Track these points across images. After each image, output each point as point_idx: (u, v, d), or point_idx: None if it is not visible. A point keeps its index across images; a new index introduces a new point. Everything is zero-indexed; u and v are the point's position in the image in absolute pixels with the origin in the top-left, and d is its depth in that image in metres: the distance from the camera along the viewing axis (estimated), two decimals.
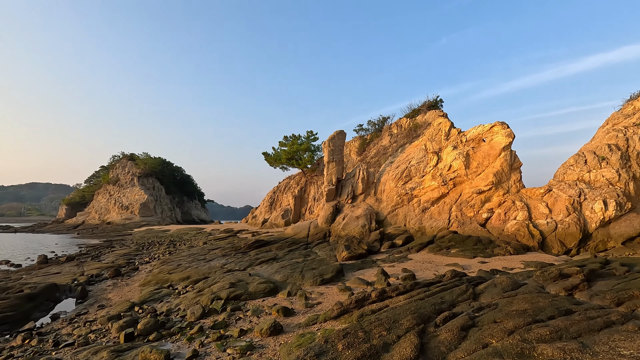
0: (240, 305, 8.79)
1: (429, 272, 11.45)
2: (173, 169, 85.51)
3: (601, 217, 15.42)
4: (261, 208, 45.27)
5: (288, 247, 18.31)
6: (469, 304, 6.80)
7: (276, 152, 41.21)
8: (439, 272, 11.49)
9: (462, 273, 9.07)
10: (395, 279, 10.72)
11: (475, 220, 18.27)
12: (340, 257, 14.71)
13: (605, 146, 17.17)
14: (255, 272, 12.56)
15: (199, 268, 14.33)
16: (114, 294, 11.41)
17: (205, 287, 10.63)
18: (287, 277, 11.32)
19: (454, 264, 12.29)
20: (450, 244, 15.56)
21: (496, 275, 9.88)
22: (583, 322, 5.04)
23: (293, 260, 14.05)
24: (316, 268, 11.93)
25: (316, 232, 22.74)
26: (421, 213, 20.79)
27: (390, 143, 32.87)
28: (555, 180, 18.01)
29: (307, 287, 10.37)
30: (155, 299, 10.25)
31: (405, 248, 16.25)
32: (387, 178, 24.18)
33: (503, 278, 8.02)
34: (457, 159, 20.26)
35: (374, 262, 13.64)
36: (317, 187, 37.34)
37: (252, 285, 10.15)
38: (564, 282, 7.49)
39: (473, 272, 11.06)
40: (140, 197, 68.64)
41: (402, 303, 7.12)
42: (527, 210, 17.03)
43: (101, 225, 62.17)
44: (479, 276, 9.09)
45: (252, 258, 15.84)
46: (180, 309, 8.90)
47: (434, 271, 11.62)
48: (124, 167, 77.11)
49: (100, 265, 17.29)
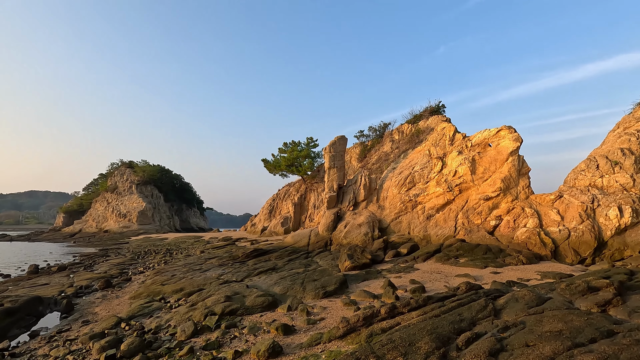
0: (236, 321, 8.04)
1: (438, 284, 10.70)
2: (172, 176, 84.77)
3: (616, 224, 14.70)
4: (260, 216, 44.50)
5: (288, 257, 17.55)
6: (491, 322, 6.07)
7: (275, 158, 40.58)
8: (449, 283, 10.74)
9: (477, 285, 8.35)
10: (404, 291, 9.97)
11: (483, 228, 17.54)
12: (343, 267, 13.95)
13: (618, 150, 16.53)
14: (253, 284, 11.80)
15: (194, 279, 13.56)
16: (101, 308, 10.63)
17: (199, 301, 9.87)
18: (287, 289, 10.56)
19: (464, 275, 11.54)
20: (459, 253, 14.81)
21: (514, 288, 9.16)
22: (633, 347, 4.32)
23: (293, 271, 13.30)
24: (318, 279, 11.18)
25: (317, 240, 21.97)
26: (426, 220, 20.07)
27: (392, 149, 32.24)
28: (566, 186, 17.32)
29: (308, 301, 9.61)
30: (144, 313, 9.48)
31: (411, 257, 15.50)
32: (389, 184, 23.50)
33: (524, 291, 7.29)
34: (463, 164, 19.60)
35: (379, 273, 12.88)
36: (317, 194, 36.63)
37: (250, 298, 9.39)
38: (595, 297, 6.77)
39: (487, 283, 10.32)
40: (138, 205, 67.81)
41: (416, 320, 6.39)
42: (537, 217, 16.31)
43: (98, 234, 61.23)
44: (496, 289, 8.35)
45: (250, 268, 15.08)
46: (171, 326, 8.13)
47: (444, 282, 10.87)
48: (122, 175, 76.38)
49: (92, 275, 16.50)
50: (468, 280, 10.16)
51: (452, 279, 11.32)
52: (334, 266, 14.33)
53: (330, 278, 11.07)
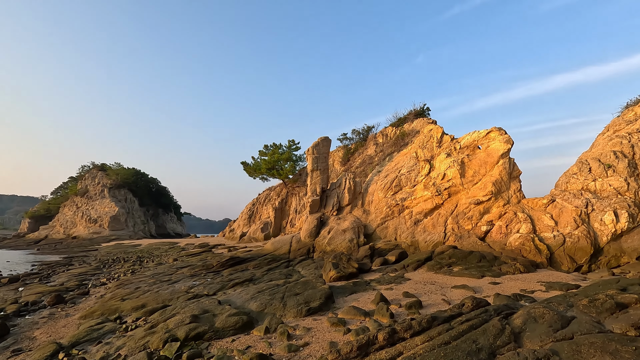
0: (202, 348, 6.66)
1: (435, 297, 9.60)
2: (148, 180, 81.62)
3: (612, 229, 14.08)
4: (239, 221, 42.72)
5: (267, 265, 16.16)
6: (515, 351, 4.94)
7: (256, 161, 39.02)
8: (447, 296, 9.66)
9: (484, 301, 7.27)
10: (398, 306, 8.81)
11: (474, 234, 16.68)
12: (327, 277, 12.71)
13: (611, 153, 16.03)
14: (227, 299, 10.38)
15: (159, 293, 12.00)
16: (43, 331, 8.96)
17: (161, 321, 8.38)
18: (265, 305, 9.21)
19: (462, 286, 10.49)
20: (451, 261, 13.81)
21: (522, 302, 8.15)
22: None
23: (272, 282, 11.93)
24: (300, 293, 9.88)
25: (298, 247, 20.64)
26: (413, 226, 19.08)
27: (376, 152, 31.38)
28: (558, 189, 16.70)
29: (289, 319, 8.30)
30: (92, 338, 7.92)
31: (400, 266, 14.40)
32: (375, 188, 22.47)
33: (542, 309, 6.25)
34: (452, 167, 18.77)
35: (368, 284, 11.68)
36: (299, 198, 35.30)
37: (221, 318, 8.00)
38: (627, 316, 5.78)
39: (488, 296, 9.29)
40: (110, 209, 64.52)
41: (422, 349, 5.21)
42: (530, 223, 15.56)
43: (66, 240, 57.68)
44: (505, 305, 7.29)
45: (224, 279, 13.63)
46: (121, 356, 6.66)
47: (441, 295, 9.77)
48: (93, 178, 72.74)
49: (44, 289, 14.58)
50: (471, 294, 9.12)
51: (449, 291, 10.25)
52: (317, 276, 13.05)
53: (315, 292, 9.79)
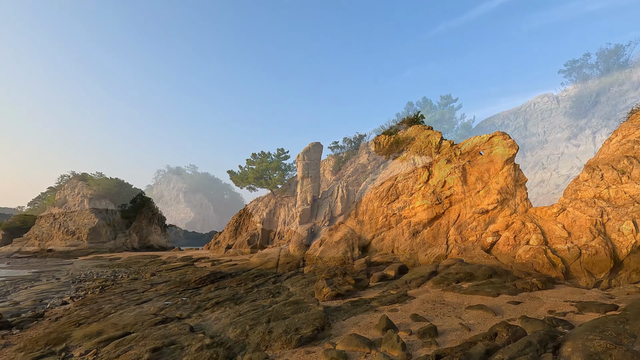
0: None
1: (450, 320, 8.09)
2: (131, 190, 78.79)
3: (632, 240, 12.88)
4: (225, 233, 40.73)
5: (252, 282, 14.45)
6: None
7: (243, 170, 37.37)
8: (463, 319, 8.16)
9: (520, 329, 5.84)
10: (408, 333, 7.27)
11: (479, 245, 15.32)
12: (321, 295, 11.09)
13: (624, 158, 15.00)
14: (202, 323, 8.70)
15: (123, 315, 10.20)
16: None
17: (114, 357, 6.68)
18: (247, 332, 7.57)
19: (478, 306, 8.99)
20: (459, 276, 12.36)
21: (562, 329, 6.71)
22: None
23: (258, 303, 10.30)
24: (289, 317, 8.28)
25: (287, 260, 18.97)
26: (412, 237, 17.65)
27: (369, 160, 30.11)
28: (568, 198, 15.54)
29: (276, 352, 6.68)
30: None
31: (402, 281, 12.89)
32: (370, 197, 21.06)
33: (601, 343, 4.84)
34: (453, 174, 17.52)
35: (368, 304, 10.11)
36: (288, 209, 33.68)
37: (189, 352, 6.35)
38: None
39: (513, 319, 7.81)
40: (90, 221, 61.59)
41: None
42: (540, 233, 14.30)
43: (40, 253, 54.45)
44: (546, 332, 5.85)
45: (202, 298, 11.89)
46: None
47: (456, 318, 8.27)
48: (73, 188, 69.76)
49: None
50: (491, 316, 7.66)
51: (465, 313, 8.75)
52: (309, 295, 11.43)
53: (307, 315, 8.19)
